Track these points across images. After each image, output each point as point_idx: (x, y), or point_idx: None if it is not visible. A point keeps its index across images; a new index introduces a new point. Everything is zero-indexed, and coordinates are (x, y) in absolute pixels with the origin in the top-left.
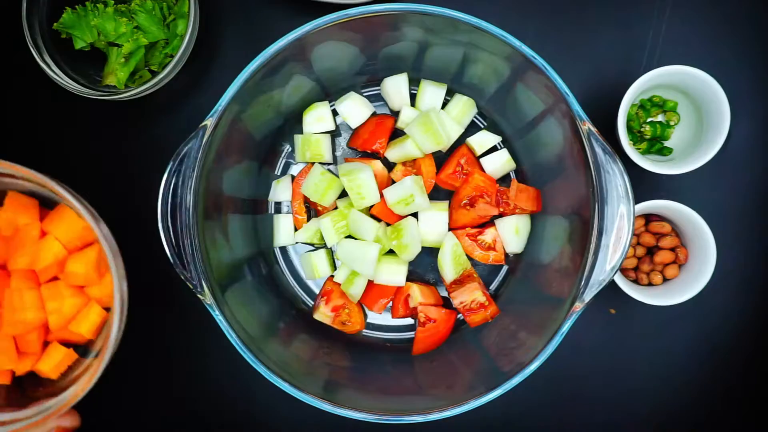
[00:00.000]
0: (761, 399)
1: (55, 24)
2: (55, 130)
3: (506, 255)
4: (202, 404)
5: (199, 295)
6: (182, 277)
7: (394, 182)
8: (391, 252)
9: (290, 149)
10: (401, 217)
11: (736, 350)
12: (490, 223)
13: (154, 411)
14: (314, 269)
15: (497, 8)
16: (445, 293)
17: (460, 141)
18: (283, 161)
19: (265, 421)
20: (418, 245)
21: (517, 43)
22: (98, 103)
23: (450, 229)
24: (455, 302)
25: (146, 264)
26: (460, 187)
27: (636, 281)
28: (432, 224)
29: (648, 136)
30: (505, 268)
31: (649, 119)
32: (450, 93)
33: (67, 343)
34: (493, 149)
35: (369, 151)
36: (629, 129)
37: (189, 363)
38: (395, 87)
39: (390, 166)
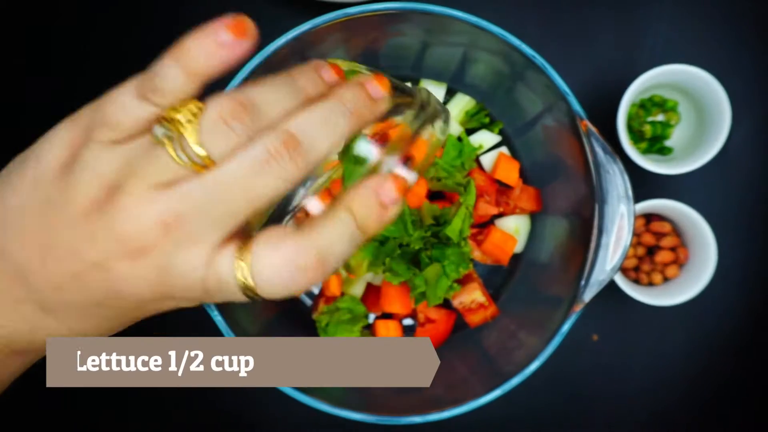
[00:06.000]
0: (762, 399)
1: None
2: None
3: None
4: (199, 404)
5: None
6: None
7: None
8: None
9: None
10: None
11: (736, 350)
12: (489, 223)
13: (151, 408)
14: None
15: (497, 8)
16: None
17: None
18: None
19: (264, 421)
20: None
21: (516, 42)
22: None
23: None
24: (455, 302)
25: None
26: None
27: (636, 281)
28: None
29: (648, 136)
30: (504, 268)
31: (649, 119)
32: (450, 93)
33: None
34: (493, 149)
35: None
36: (629, 128)
37: None
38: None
39: None
